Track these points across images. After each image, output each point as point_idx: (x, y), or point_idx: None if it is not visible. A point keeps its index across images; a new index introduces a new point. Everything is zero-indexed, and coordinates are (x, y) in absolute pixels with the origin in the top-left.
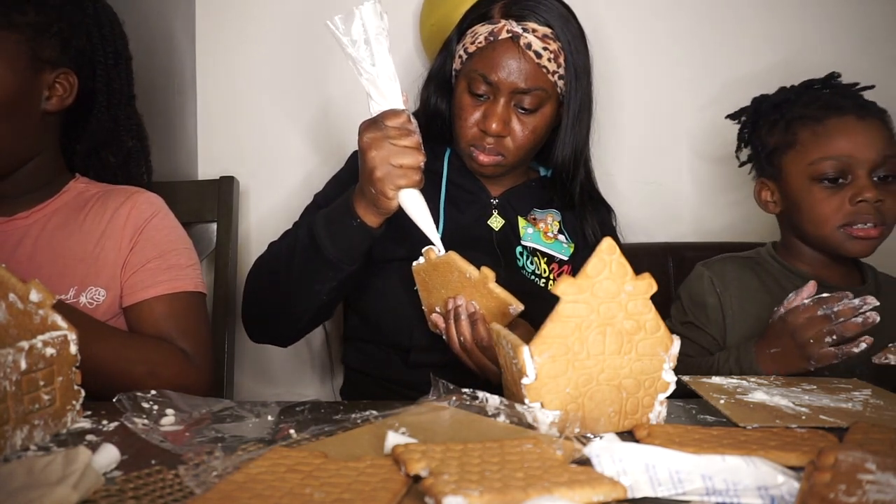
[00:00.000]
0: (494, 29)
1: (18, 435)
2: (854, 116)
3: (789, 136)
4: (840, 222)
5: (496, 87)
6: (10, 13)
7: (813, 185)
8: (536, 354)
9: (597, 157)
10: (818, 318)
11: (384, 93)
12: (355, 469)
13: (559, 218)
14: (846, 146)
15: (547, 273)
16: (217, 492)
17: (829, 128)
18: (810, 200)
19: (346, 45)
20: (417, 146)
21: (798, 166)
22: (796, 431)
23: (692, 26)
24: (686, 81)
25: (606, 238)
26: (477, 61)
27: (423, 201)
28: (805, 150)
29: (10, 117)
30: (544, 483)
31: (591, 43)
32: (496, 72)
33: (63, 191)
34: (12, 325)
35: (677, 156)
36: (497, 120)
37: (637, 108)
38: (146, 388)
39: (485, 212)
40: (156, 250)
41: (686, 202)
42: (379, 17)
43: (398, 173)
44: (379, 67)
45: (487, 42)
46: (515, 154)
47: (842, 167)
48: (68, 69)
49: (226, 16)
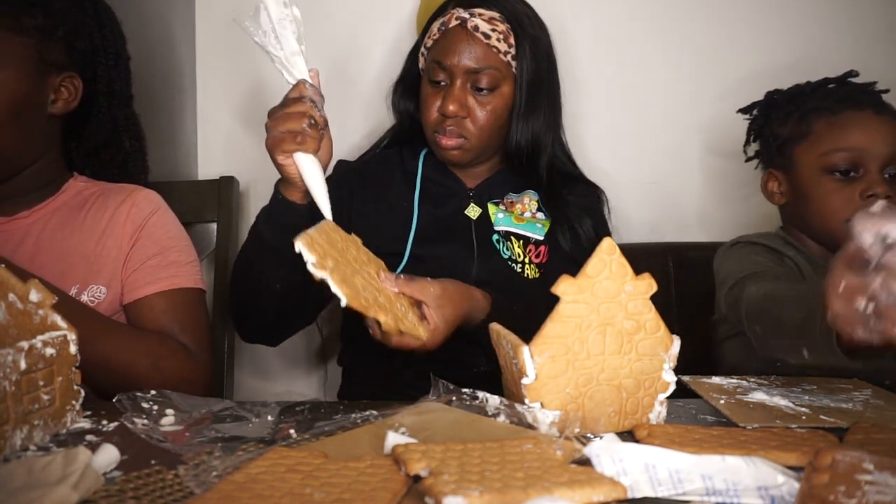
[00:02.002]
0: (445, 19)
1: (18, 435)
2: (872, 111)
3: (804, 126)
4: (848, 216)
5: (450, 70)
6: (20, 16)
7: (823, 176)
8: (536, 354)
9: (596, 156)
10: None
11: (291, 71)
12: (355, 469)
13: (537, 197)
14: (860, 139)
15: (522, 257)
16: (217, 492)
17: (845, 119)
18: (819, 192)
19: (254, 34)
20: (304, 111)
21: (810, 157)
22: (796, 431)
23: (699, 24)
24: (689, 80)
25: (606, 238)
26: (433, 52)
27: (317, 166)
28: (819, 140)
29: (17, 122)
30: (544, 483)
31: (595, 41)
32: (449, 57)
33: (63, 190)
34: (12, 325)
35: (677, 156)
36: (453, 101)
37: (637, 109)
38: (149, 382)
39: (462, 203)
40: (156, 247)
41: (686, 202)
42: (282, 6)
43: (282, 137)
44: (285, 50)
45: (440, 32)
46: (478, 136)
47: (854, 160)
48: (73, 72)
49: (226, 16)
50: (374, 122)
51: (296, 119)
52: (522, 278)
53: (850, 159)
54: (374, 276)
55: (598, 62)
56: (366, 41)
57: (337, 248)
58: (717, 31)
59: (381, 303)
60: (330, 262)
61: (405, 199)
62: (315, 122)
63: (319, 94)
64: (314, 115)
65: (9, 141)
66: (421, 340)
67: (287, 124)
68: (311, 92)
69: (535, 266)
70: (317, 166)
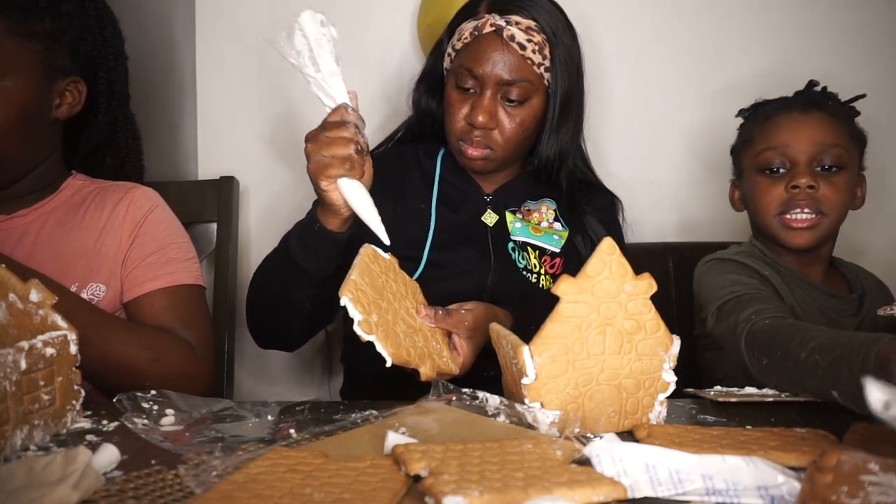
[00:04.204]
0: (479, 24)
1: (18, 435)
2: (797, 111)
3: (746, 134)
4: (777, 210)
5: (482, 79)
6: (30, 22)
7: (758, 175)
8: (536, 354)
9: (597, 156)
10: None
11: (329, 93)
12: (355, 469)
13: (554, 206)
14: (786, 136)
15: (538, 268)
16: (217, 492)
17: (774, 121)
18: (755, 191)
19: (290, 55)
20: (351, 137)
21: (749, 160)
22: (796, 431)
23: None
24: (686, 81)
25: (606, 238)
26: (463, 57)
27: (365, 192)
28: (755, 144)
29: (23, 128)
30: (544, 483)
31: (587, 41)
32: (481, 65)
33: (61, 188)
34: (12, 325)
35: (678, 156)
36: (483, 112)
37: (637, 108)
38: (151, 376)
39: (479, 209)
40: (155, 244)
41: (687, 202)
42: (319, 25)
43: (328, 163)
44: (323, 71)
45: (473, 37)
46: (504, 147)
47: (782, 157)
48: (78, 77)
49: (226, 16)
50: (374, 123)
51: (342, 144)
52: (537, 288)
53: (778, 156)
54: (411, 313)
55: (598, 62)
56: (366, 41)
57: (377, 287)
58: (720, 32)
59: (420, 348)
60: (374, 316)
61: (422, 200)
62: (360, 147)
63: (361, 119)
64: (359, 141)
65: (14, 147)
66: (453, 374)
67: (332, 149)
68: (353, 117)
69: (550, 277)
70: (365, 192)
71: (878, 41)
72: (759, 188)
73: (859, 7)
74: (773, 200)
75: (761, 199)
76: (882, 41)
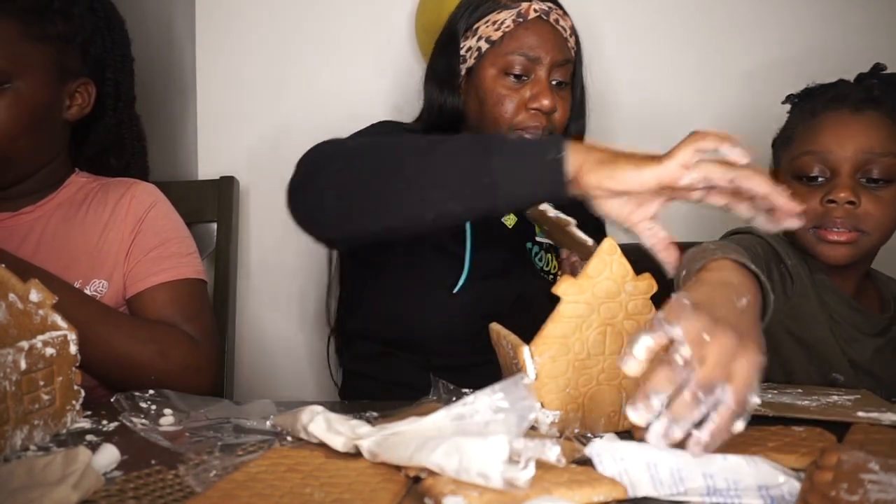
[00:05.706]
0: (521, 10)
1: (18, 435)
2: (849, 108)
3: (788, 129)
4: (810, 224)
5: (539, 62)
6: (43, 24)
7: (794, 182)
8: (536, 354)
9: None
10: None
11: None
12: (355, 469)
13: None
14: (829, 141)
15: (557, 269)
16: (217, 490)
17: (819, 121)
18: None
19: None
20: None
21: (786, 163)
22: (795, 431)
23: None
24: (690, 77)
25: (607, 238)
26: (509, 44)
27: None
28: (794, 144)
29: (36, 129)
30: (544, 483)
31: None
32: (537, 48)
33: (65, 185)
34: (12, 325)
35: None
36: (548, 96)
37: (637, 107)
38: (155, 370)
39: None
40: (156, 239)
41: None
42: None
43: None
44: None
45: (517, 24)
46: (559, 131)
47: (821, 165)
48: (87, 78)
49: (226, 16)
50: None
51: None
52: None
53: (817, 163)
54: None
55: (597, 61)
56: (365, 41)
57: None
58: (725, 28)
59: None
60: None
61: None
62: None
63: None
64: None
65: (25, 148)
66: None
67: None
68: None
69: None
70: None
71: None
72: (794, 197)
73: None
74: (806, 213)
75: None
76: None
